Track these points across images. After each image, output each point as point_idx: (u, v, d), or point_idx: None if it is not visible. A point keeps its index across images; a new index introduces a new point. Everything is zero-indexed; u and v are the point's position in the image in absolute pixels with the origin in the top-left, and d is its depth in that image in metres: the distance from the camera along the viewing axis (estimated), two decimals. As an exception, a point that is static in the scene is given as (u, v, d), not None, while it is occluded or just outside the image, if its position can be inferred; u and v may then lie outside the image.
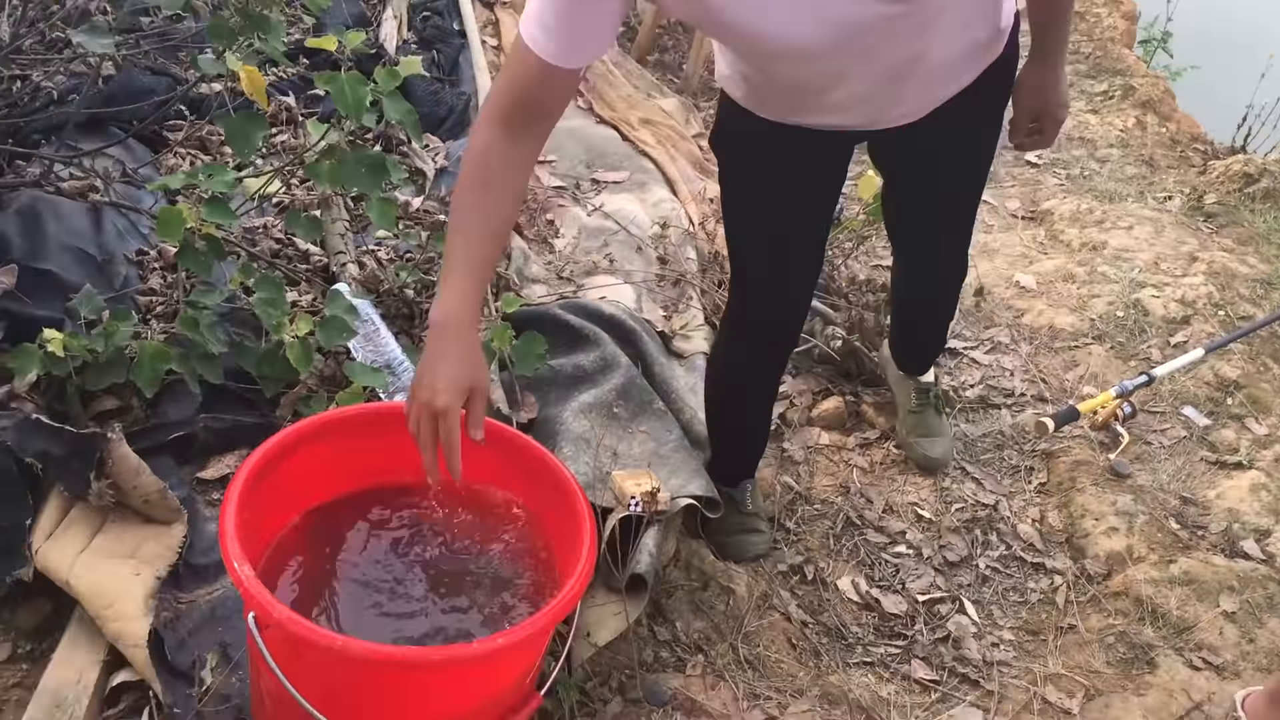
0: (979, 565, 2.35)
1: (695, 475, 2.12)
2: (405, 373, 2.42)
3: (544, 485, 1.67)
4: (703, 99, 4.13)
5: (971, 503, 2.49)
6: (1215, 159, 3.92)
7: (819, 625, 2.14)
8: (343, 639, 1.33)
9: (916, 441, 2.53)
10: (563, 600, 1.44)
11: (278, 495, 1.63)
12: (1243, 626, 2.14)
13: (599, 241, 2.99)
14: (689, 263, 2.95)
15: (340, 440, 1.70)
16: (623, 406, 2.27)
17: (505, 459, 1.72)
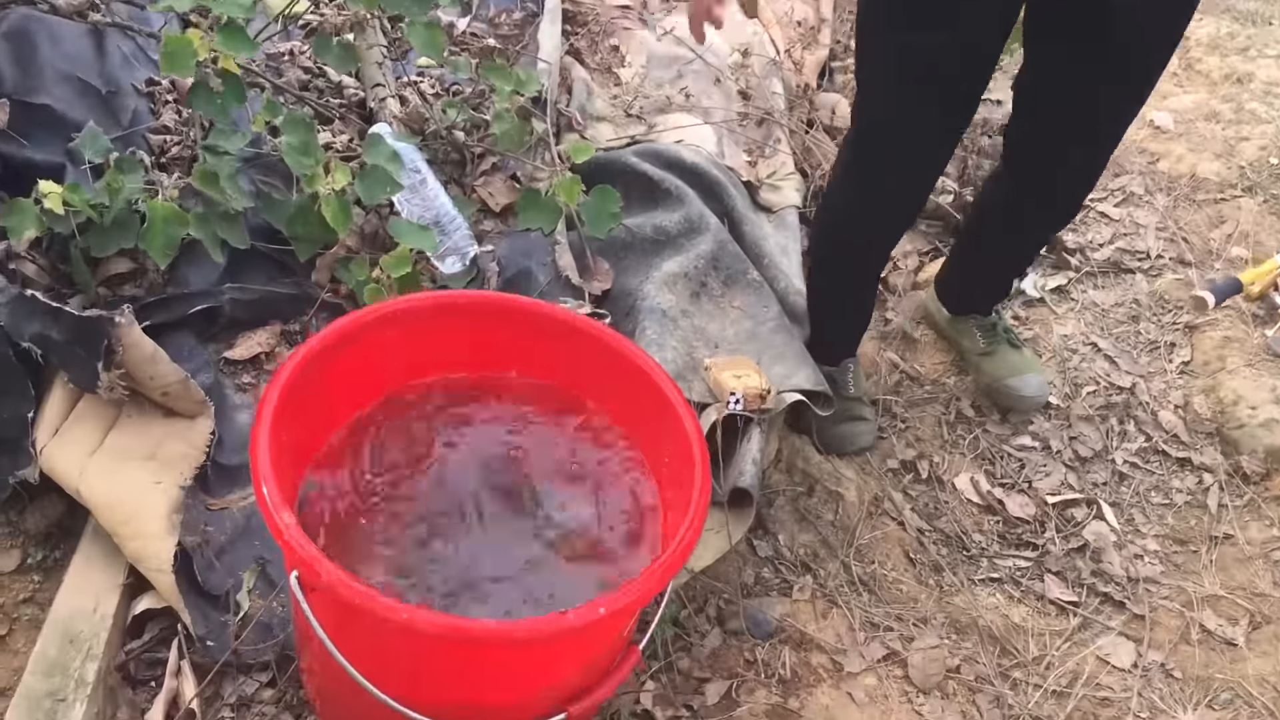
0: (1115, 460, 2.05)
1: (801, 363, 1.81)
2: (457, 230, 2.10)
3: (641, 396, 1.37)
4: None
5: (1104, 385, 2.17)
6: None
7: (937, 533, 1.86)
8: (408, 610, 1.06)
9: (1003, 384, 2.10)
10: (675, 553, 1.16)
11: (321, 404, 1.33)
12: None
13: (671, 72, 2.60)
14: (775, 98, 2.56)
15: (398, 332, 1.40)
16: (713, 277, 1.95)
17: (592, 359, 1.42)
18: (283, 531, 1.10)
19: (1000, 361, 2.13)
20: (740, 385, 1.67)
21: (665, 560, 1.15)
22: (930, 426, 2.07)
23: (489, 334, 1.44)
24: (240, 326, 1.88)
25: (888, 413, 2.08)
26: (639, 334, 1.80)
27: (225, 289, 1.85)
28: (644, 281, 1.91)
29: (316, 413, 1.33)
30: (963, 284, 2.15)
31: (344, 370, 1.34)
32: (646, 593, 1.13)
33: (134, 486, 1.54)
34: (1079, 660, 1.68)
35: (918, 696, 1.57)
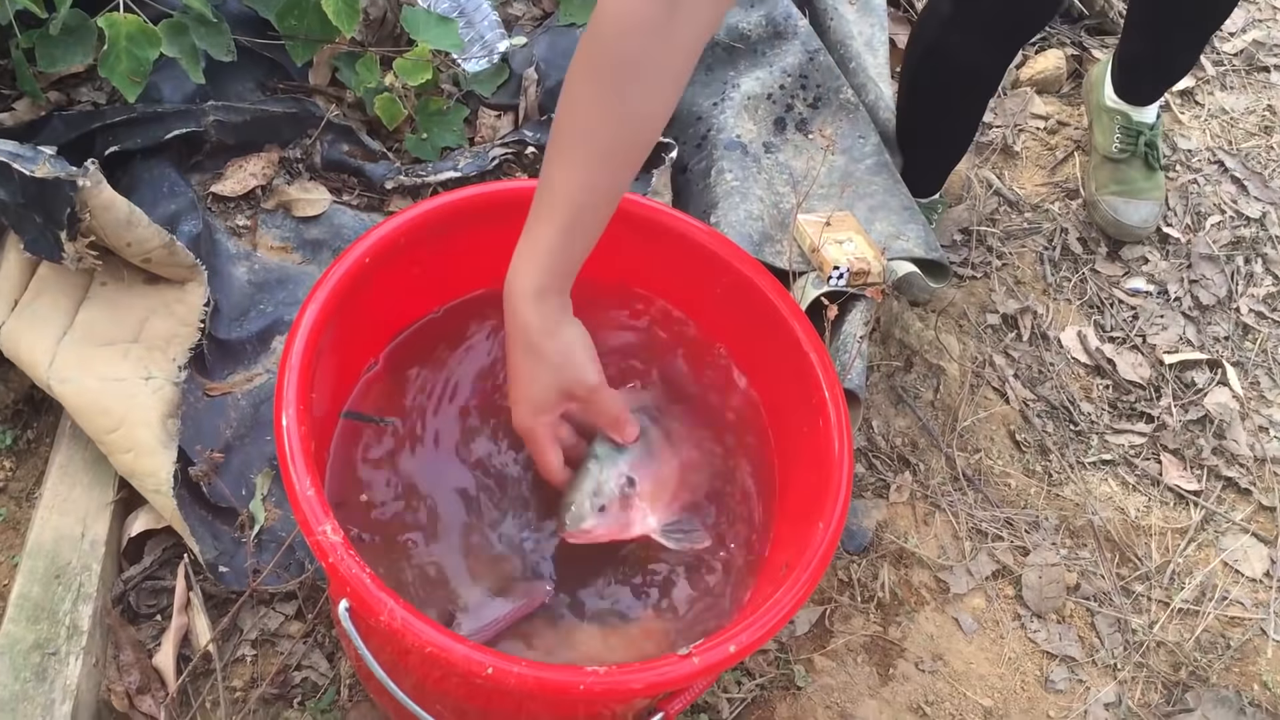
0: (1240, 309, 1.80)
1: (908, 217, 1.51)
2: (483, 19, 1.74)
3: (759, 327, 1.09)
4: None
5: (1230, 215, 1.89)
6: None
7: (1042, 404, 1.63)
8: (492, 663, 0.82)
9: (1106, 201, 1.82)
10: (787, 605, 0.91)
11: (350, 347, 1.05)
12: None
13: None
14: None
15: (440, 242, 1.10)
16: (800, 99, 1.61)
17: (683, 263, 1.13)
18: (327, 554, 0.85)
19: (1120, 173, 1.83)
20: (844, 255, 1.38)
21: (808, 577, 0.92)
22: (1031, 265, 1.79)
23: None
24: (229, 152, 1.54)
25: (982, 245, 1.79)
26: (716, 176, 1.49)
27: (208, 107, 1.50)
28: (720, 104, 1.57)
29: (341, 364, 1.05)
30: (1125, 64, 1.80)
31: (383, 296, 1.05)
32: (780, 621, 0.90)
33: (119, 385, 1.27)
34: (1206, 571, 1.49)
35: (1032, 621, 1.39)
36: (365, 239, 1.02)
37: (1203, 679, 1.38)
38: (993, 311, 1.71)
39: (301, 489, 0.87)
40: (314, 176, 1.56)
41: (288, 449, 0.89)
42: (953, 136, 1.66)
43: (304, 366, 0.92)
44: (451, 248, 1.09)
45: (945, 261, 1.50)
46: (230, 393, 1.38)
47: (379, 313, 1.08)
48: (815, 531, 0.95)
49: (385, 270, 1.04)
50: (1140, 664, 1.38)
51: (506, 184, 1.14)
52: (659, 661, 0.86)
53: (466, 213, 1.08)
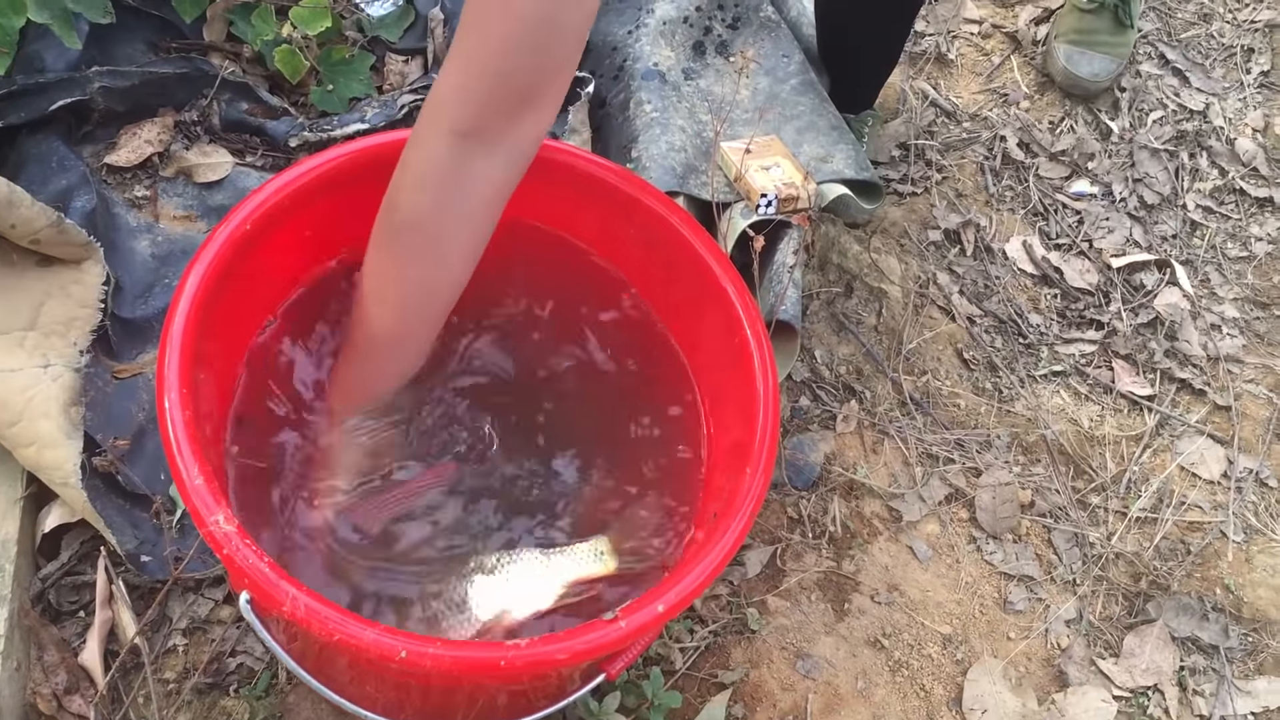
0: (1186, 205, 1.75)
1: (836, 136, 1.45)
2: (385, -41, 1.64)
3: (674, 269, 1.03)
4: None
5: (1173, 108, 1.84)
6: None
7: (989, 319, 1.59)
8: (406, 645, 0.78)
9: (1062, 49, 1.78)
10: (716, 559, 0.87)
11: (244, 302, 0.99)
12: None
13: None
14: None
15: (330, 201, 1.03)
16: (718, 20, 1.53)
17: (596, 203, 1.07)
18: (222, 545, 0.79)
19: (1083, 24, 1.79)
20: (770, 181, 1.32)
21: (704, 569, 0.87)
22: (971, 176, 1.74)
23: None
24: (120, 120, 1.46)
25: (921, 159, 1.74)
26: (635, 108, 1.42)
27: (93, 74, 1.42)
28: (634, 31, 1.50)
29: (239, 314, 0.99)
30: None
31: (273, 257, 0.99)
32: (708, 576, 0.86)
33: (15, 376, 1.20)
34: (1163, 477, 1.46)
35: (988, 543, 1.36)
36: (246, 203, 0.96)
37: (1164, 587, 1.35)
38: (934, 228, 1.66)
39: (189, 478, 0.81)
40: (214, 139, 1.49)
41: (172, 438, 0.83)
42: (876, 49, 1.59)
43: (184, 348, 0.86)
44: (338, 208, 1.03)
45: (878, 181, 1.44)
46: (141, 373, 1.32)
47: (272, 273, 1.02)
48: (743, 479, 0.90)
49: (272, 235, 0.97)
50: (1100, 577, 1.35)
51: (374, 140, 1.06)
52: (584, 629, 0.82)
53: (344, 173, 1.02)
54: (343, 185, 1.02)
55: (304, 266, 1.06)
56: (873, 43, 1.54)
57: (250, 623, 0.82)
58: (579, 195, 1.06)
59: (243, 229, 0.94)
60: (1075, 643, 1.29)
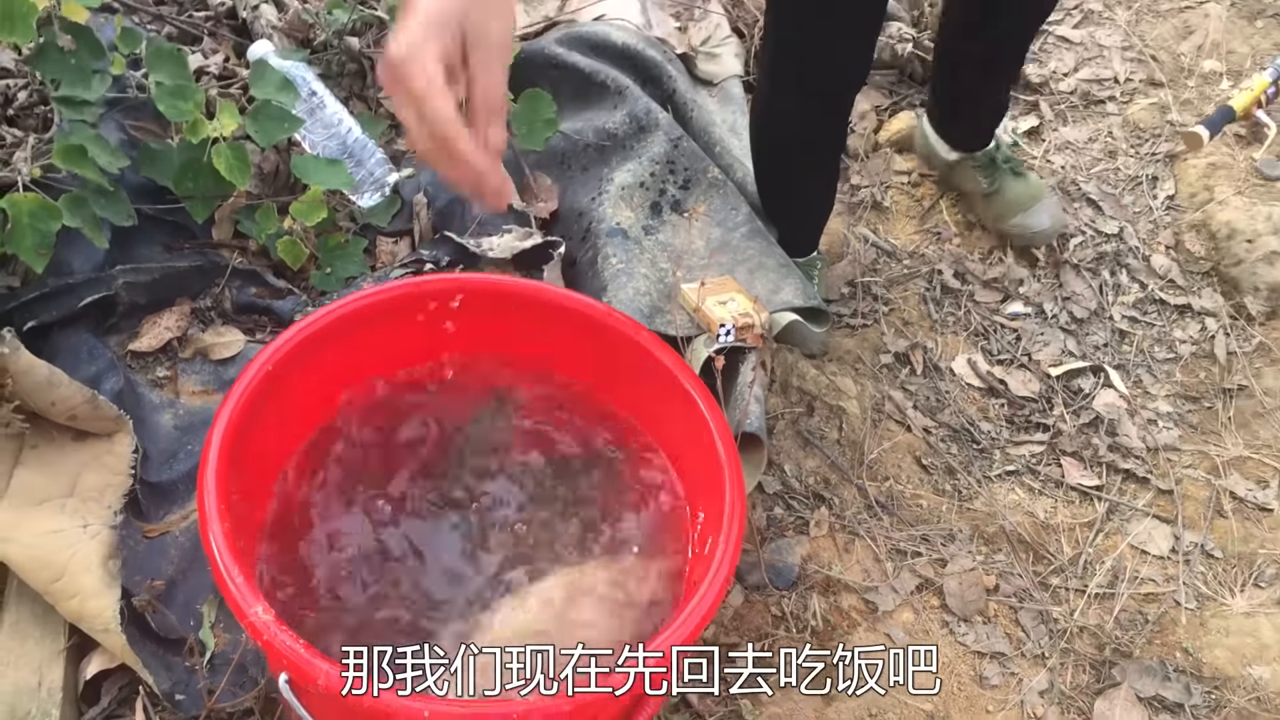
0: (1113, 317, 1.92)
1: (785, 273, 1.62)
2: (370, 156, 1.85)
3: (640, 378, 1.18)
4: None
5: (1090, 234, 2.03)
6: None
7: (944, 429, 1.73)
8: (429, 708, 0.89)
9: (1012, 223, 1.95)
10: (691, 621, 0.98)
11: (265, 446, 1.13)
12: None
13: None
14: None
15: (345, 341, 1.19)
16: (671, 182, 1.73)
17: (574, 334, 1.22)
18: (261, 632, 0.91)
19: (1007, 196, 1.96)
20: (727, 313, 1.48)
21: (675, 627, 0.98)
22: (915, 305, 1.91)
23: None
24: (142, 311, 1.63)
25: (868, 295, 1.91)
26: (602, 262, 1.60)
27: (117, 272, 1.59)
28: (597, 197, 1.69)
29: (258, 463, 1.13)
30: (954, 117, 1.95)
31: (299, 389, 1.14)
32: (703, 621, 0.97)
33: (58, 536, 1.33)
34: (1116, 555, 1.57)
35: (959, 625, 1.46)
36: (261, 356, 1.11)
37: (1127, 654, 1.45)
38: (885, 353, 1.82)
39: (230, 576, 0.93)
40: (226, 321, 1.65)
41: (214, 542, 0.95)
42: (810, 199, 1.78)
43: (221, 459, 1.00)
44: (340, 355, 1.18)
45: (823, 307, 1.61)
46: (168, 532, 1.44)
47: (289, 414, 1.16)
48: (713, 558, 1.02)
49: (288, 379, 1.12)
50: (1066, 649, 1.45)
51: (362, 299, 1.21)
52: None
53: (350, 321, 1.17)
54: (343, 335, 1.17)
55: (317, 405, 1.20)
56: (804, 193, 1.73)
57: (290, 701, 0.93)
58: (573, 330, 1.22)
59: (264, 370, 1.09)
60: (1049, 711, 1.39)
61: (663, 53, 1.98)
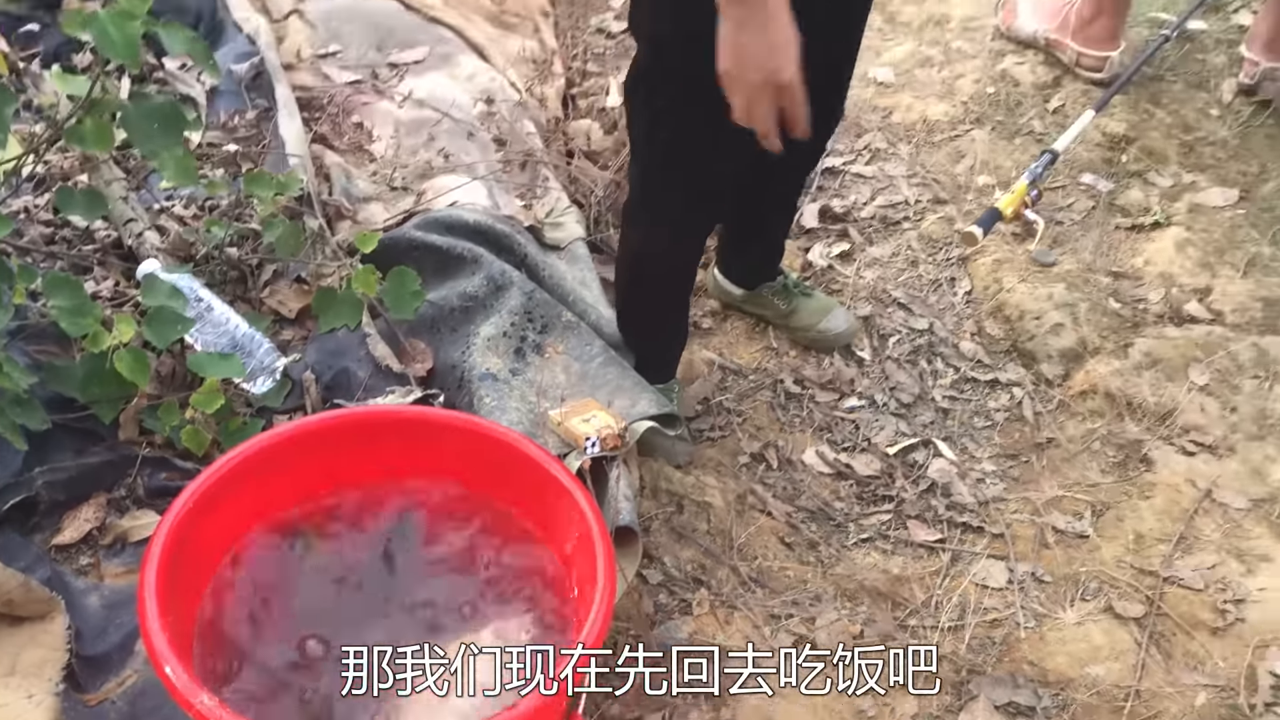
0: (935, 398, 2.19)
1: (639, 390, 1.85)
2: (259, 348, 2.04)
3: (521, 481, 1.38)
4: (472, -58, 3.65)
5: (906, 332, 2.32)
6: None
7: (803, 512, 1.95)
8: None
9: (816, 331, 2.25)
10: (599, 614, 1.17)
11: (192, 568, 1.29)
12: (1220, 397, 2.07)
13: (422, 136, 2.60)
14: (531, 138, 2.60)
15: (260, 477, 1.36)
16: (531, 329, 1.97)
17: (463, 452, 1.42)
18: (207, 718, 1.06)
19: (804, 313, 2.26)
20: (591, 428, 1.70)
21: (598, 620, 1.17)
22: (765, 412, 2.15)
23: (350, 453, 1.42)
24: (61, 507, 1.77)
25: (722, 410, 2.15)
26: (477, 404, 1.81)
27: (35, 474, 1.74)
28: (465, 351, 1.91)
29: (188, 580, 1.28)
30: (744, 261, 2.26)
31: (221, 518, 1.30)
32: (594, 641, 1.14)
33: (4, 710, 1.44)
34: (961, 593, 1.79)
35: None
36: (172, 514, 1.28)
37: (980, 673, 1.65)
38: (743, 454, 2.04)
39: (175, 672, 1.08)
40: (141, 505, 1.80)
41: (154, 638, 1.10)
42: (673, 328, 2.04)
43: (159, 587, 1.16)
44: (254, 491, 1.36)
45: (676, 411, 1.84)
46: (106, 699, 1.56)
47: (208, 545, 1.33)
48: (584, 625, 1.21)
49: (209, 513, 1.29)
50: (929, 678, 1.64)
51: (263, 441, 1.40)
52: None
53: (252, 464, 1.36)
54: (254, 473, 1.35)
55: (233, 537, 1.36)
56: (664, 322, 1.99)
57: (241, 775, 1.07)
58: (466, 448, 1.41)
59: (188, 505, 1.26)
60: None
61: (512, 226, 2.25)
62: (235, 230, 2.21)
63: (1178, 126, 2.62)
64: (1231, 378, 2.09)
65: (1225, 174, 2.51)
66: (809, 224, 2.54)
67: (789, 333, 2.28)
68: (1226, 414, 2.04)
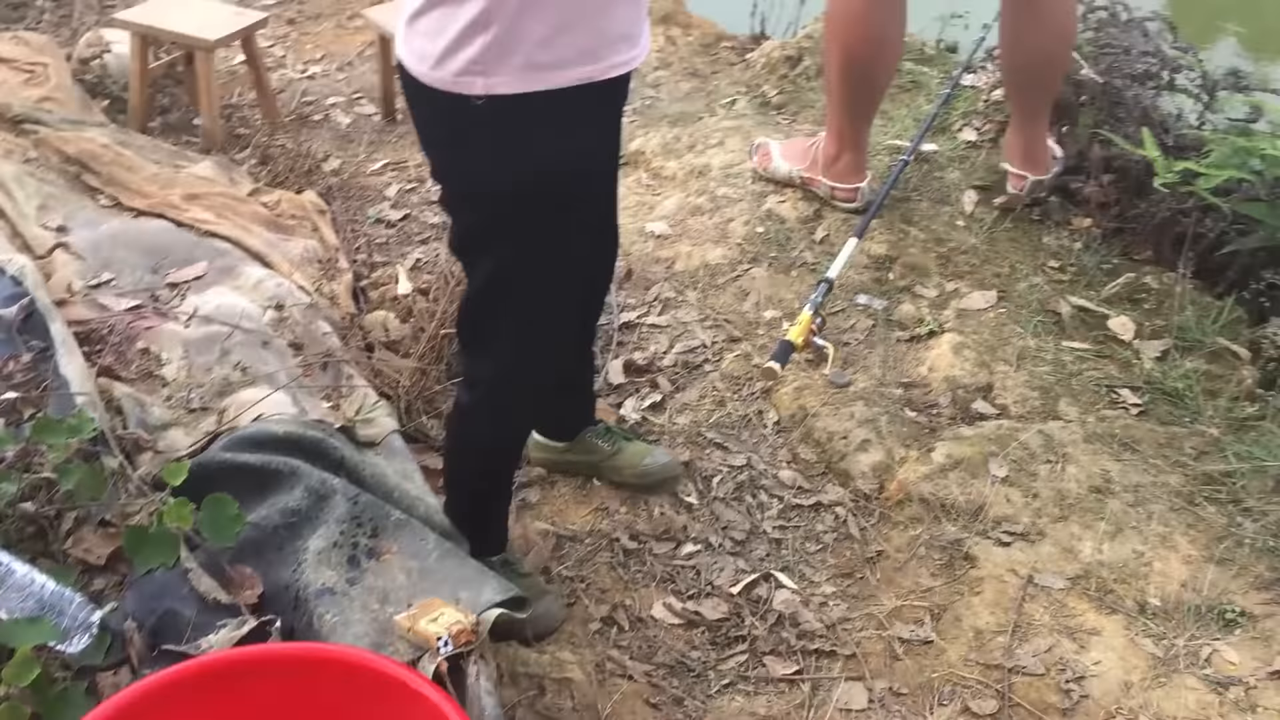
0: (766, 530, 2.26)
1: (481, 578, 1.84)
2: (71, 604, 1.92)
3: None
4: (234, 149, 3.67)
5: (727, 470, 2.39)
6: (748, 52, 4.04)
7: (662, 669, 1.96)
8: None
9: (641, 469, 2.31)
10: None
11: None
12: (1020, 485, 2.21)
13: (214, 353, 2.54)
14: (327, 338, 2.59)
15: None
16: (361, 534, 1.93)
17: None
18: None
19: (628, 453, 2.31)
20: (442, 627, 1.67)
21: None
22: (607, 573, 2.17)
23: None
24: None
25: (566, 579, 2.15)
26: (317, 623, 1.75)
27: None
28: (296, 569, 1.86)
29: None
30: (562, 414, 2.31)
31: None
32: None
33: None
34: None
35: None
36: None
37: (862, 797, 1.68)
38: (592, 621, 2.04)
39: None
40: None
41: None
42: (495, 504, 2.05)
43: None
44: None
45: (523, 595, 1.83)
46: None
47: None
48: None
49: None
50: (815, 812, 1.66)
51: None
52: None
53: None
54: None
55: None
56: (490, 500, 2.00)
57: None
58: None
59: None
60: None
61: (323, 430, 2.22)
62: (27, 482, 2.10)
63: (932, 240, 2.85)
64: (1027, 465, 2.24)
65: (982, 278, 2.73)
66: (616, 380, 2.61)
67: (616, 475, 2.32)
68: (1030, 500, 2.18)
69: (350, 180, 3.46)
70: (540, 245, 1.70)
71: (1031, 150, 2.84)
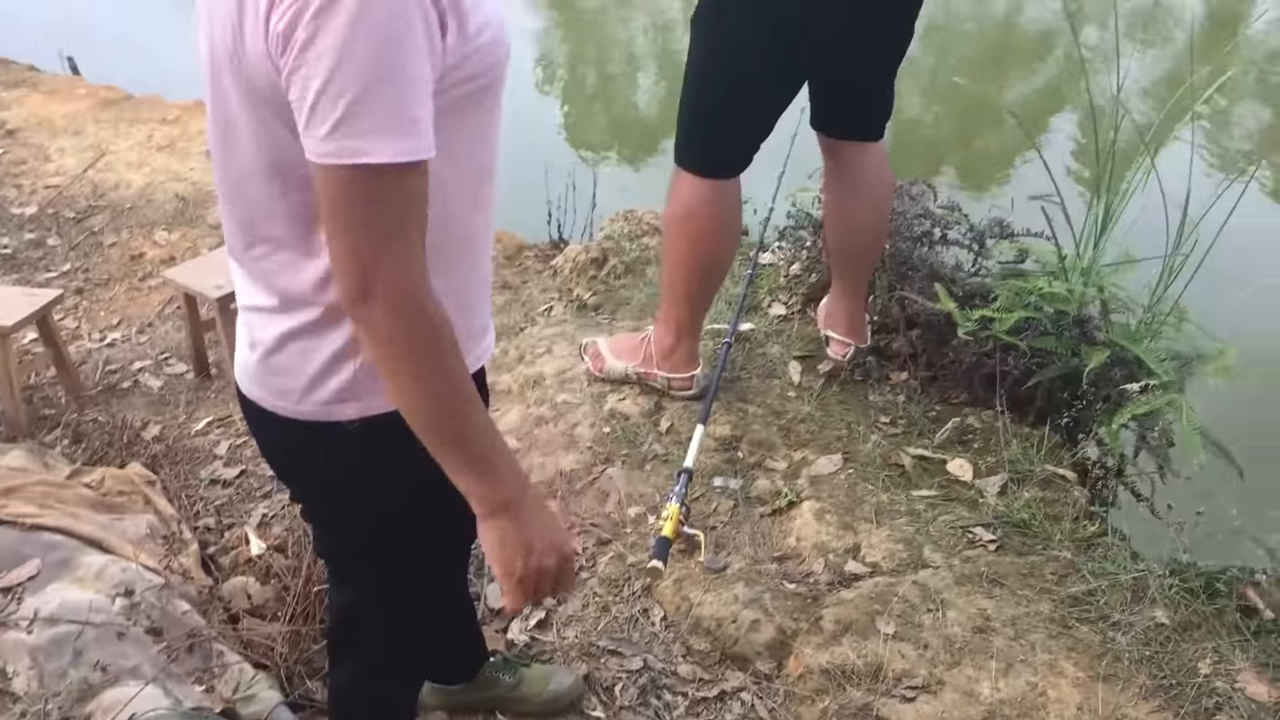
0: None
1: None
2: None
3: None
4: (42, 432, 3.50)
5: (626, 676, 2.39)
6: (552, 259, 4.19)
7: None
8: None
9: (548, 695, 2.29)
10: None
11: None
12: (910, 638, 2.30)
13: (66, 656, 2.38)
14: (188, 616, 2.47)
15: None
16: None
17: None
18: None
19: (531, 680, 2.29)
20: None
21: None
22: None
23: None
24: None
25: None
26: None
27: None
28: None
29: None
30: (451, 657, 2.25)
31: None
32: None
33: None
34: None
35: None
36: None
37: None
38: None
39: None
40: None
41: None
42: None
43: None
44: None
45: None
46: None
47: None
48: None
49: None
50: None
51: None
52: None
53: None
54: None
55: None
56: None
57: None
58: None
59: None
60: None
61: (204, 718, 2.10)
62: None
63: (770, 414, 2.99)
64: (911, 618, 2.34)
65: (825, 442, 2.87)
66: (495, 604, 2.58)
67: (522, 706, 2.27)
68: (922, 651, 2.26)
69: (175, 445, 3.35)
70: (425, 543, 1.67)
71: (854, 321, 3.05)
